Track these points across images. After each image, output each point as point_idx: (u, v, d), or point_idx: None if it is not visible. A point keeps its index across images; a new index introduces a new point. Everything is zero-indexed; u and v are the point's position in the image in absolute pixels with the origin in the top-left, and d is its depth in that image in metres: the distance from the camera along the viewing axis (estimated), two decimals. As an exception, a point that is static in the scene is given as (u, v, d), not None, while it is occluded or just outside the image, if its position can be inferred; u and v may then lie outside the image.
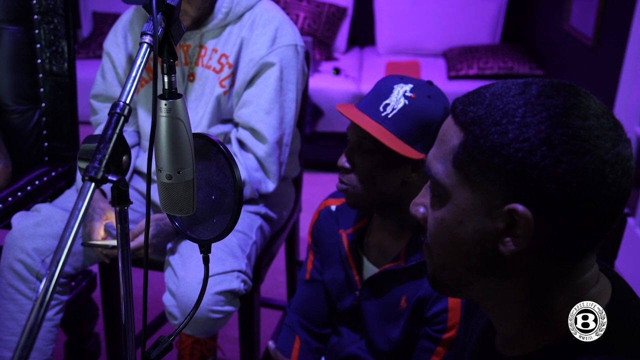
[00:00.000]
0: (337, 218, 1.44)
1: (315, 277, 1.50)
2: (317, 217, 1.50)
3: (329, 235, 1.45)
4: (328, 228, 1.45)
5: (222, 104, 1.66)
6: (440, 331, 1.27)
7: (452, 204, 0.76)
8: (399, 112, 1.23)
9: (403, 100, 1.24)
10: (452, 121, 0.76)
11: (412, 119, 1.23)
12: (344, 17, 4.23)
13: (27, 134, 1.81)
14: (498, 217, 0.72)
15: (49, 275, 0.70)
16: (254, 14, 1.65)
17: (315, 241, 1.50)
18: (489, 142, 0.71)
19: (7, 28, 1.75)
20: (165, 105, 0.84)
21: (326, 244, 1.46)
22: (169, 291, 1.53)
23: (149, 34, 0.82)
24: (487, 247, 0.74)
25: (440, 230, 0.78)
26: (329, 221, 1.46)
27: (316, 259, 1.50)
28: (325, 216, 1.48)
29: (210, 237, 0.99)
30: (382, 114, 1.24)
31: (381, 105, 1.25)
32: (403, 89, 1.25)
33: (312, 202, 2.42)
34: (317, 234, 1.49)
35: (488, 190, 0.72)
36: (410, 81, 1.27)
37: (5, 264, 1.55)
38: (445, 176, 0.76)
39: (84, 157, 0.80)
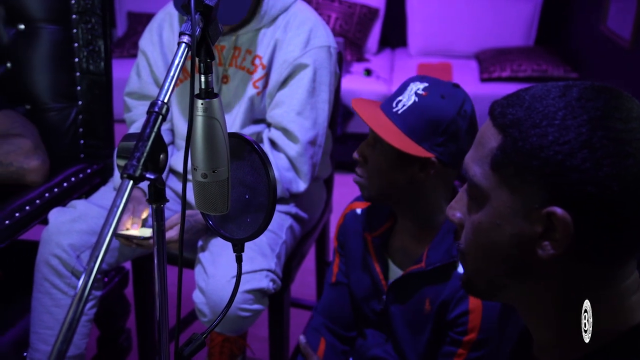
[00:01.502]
0: (362, 221, 1.45)
1: (341, 280, 1.50)
2: (343, 220, 1.51)
3: (354, 239, 1.45)
4: (353, 231, 1.46)
5: (255, 104, 1.68)
6: (461, 333, 1.26)
7: (489, 206, 0.75)
8: (408, 109, 1.24)
9: (414, 98, 1.25)
10: (490, 123, 0.76)
11: (419, 116, 1.23)
12: (375, 18, 4.22)
13: (64, 131, 1.85)
14: (536, 221, 0.71)
15: (87, 271, 0.71)
16: (288, 15, 1.66)
17: (341, 244, 1.50)
18: (527, 144, 0.70)
19: (46, 27, 1.78)
20: (201, 104, 0.85)
21: (352, 247, 1.46)
22: (199, 288, 1.54)
23: (187, 33, 0.83)
24: (524, 250, 0.73)
25: (477, 234, 0.77)
26: (354, 224, 1.46)
27: (342, 262, 1.51)
28: (350, 219, 1.48)
29: (243, 236, 1.00)
30: (393, 109, 1.26)
31: (394, 102, 1.27)
32: (417, 87, 1.26)
33: (342, 203, 2.41)
34: (342, 237, 1.50)
35: (526, 193, 0.71)
36: (428, 80, 1.28)
37: (41, 259, 1.58)
38: (483, 179, 0.75)
39: (123, 155, 0.82)
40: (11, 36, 1.80)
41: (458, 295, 1.27)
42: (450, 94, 1.25)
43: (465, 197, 0.81)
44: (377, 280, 1.38)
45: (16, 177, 1.65)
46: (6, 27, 1.80)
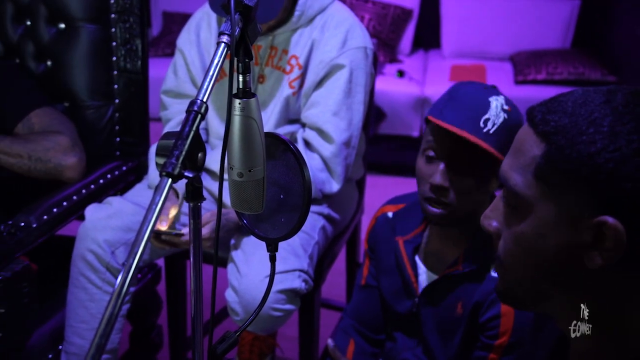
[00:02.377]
0: (393, 225, 1.44)
1: (370, 282, 1.50)
2: (374, 223, 1.50)
3: (385, 242, 1.44)
4: (384, 235, 1.45)
5: (291, 104, 1.68)
6: (492, 337, 1.25)
7: (533, 216, 0.73)
8: (500, 127, 1.22)
9: (503, 115, 1.23)
10: (531, 130, 0.74)
11: (510, 132, 1.21)
12: (409, 19, 4.20)
13: (101, 129, 1.87)
14: (585, 230, 0.69)
15: (126, 267, 0.72)
16: (325, 16, 1.66)
17: (371, 247, 1.50)
18: (575, 152, 0.69)
19: (86, 26, 1.81)
20: (239, 104, 0.86)
21: (382, 250, 1.45)
22: (232, 287, 1.55)
23: (227, 33, 0.84)
24: (570, 261, 0.71)
25: (520, 245, 0.75)
26: (385, 228, 1.45)
27: (372, 265, 1.50)
28: (381, 223, 1.47)
29: (277, 235, 1.00)
30: (483, 130, 1.21)
31: (481, 121, 1.22)
32: (499, 102, 1.24)
33: (372, 205, 2.41)
34: (373, 241, 1.49)
35: (574, 202, 0.70)
36: (495, 91, 1.26)
37: (77, 254, 1.61)
38: (526, 188, 0.73)
39: (162, 153, 0.82)
40: (52, 35, 1.83)
41: (490, 298, 1.26)
42: (510, 100, 1.27)
43: (501, 205, 0.79)
44: (408, 283, 1.37)
45: (54, 173, 1.68)
46: (47, 26, 1.83)
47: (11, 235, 1.46)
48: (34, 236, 1.53)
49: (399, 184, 3.60)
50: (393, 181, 3.62)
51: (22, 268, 1.45)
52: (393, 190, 2.17)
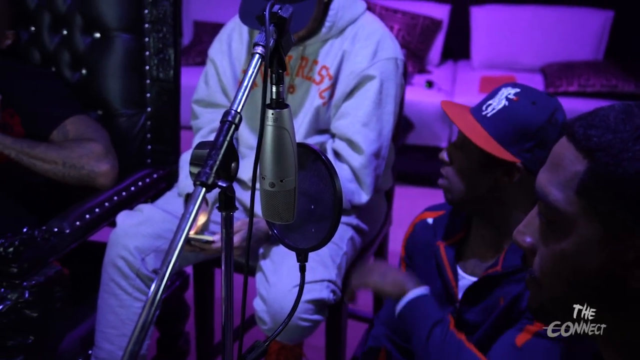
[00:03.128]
0: (434, 230, 1.44)
1: None
2: (412, 229, 1.50)
3: (424, 248, 1.44)
4: (423, 240, 1.45)
5: (321, 114, 1.69)
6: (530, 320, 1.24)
7: (575, 234, 0.71)
8: (497, 113, 1.26)
9: (504, 102, 1.26)
10: (572, 146, 0.73)
11: (508, 120, 1.24)
12: (438, 30, 4.19)
13: (133, 137, 1.90)
14: (630, 248, 0.68)
15: (159, 275, 0.73)
16: (356, 27, 1.67)
17: (409, 254, 1.49)
18: (620, 169, 0.67)
19: (120, 36, 1.84)
20: (272, 114, 0.86)
21: (421, 256, 1.45)
22: (260, 296, 1.56)
23: (261, 44, 0.85)
24: (612, 280, 0.70)
25: (560, 263, 0.73)
26: (424, 234, 1.46)
27: (408, 272, 1.49)
28: (421, 229, 1.48)
29: (307, 245, 1.00)
30: (482, 113, 1.27)
31: (484, 105, 1.28)
32: (508, 92, 1.27)
33: (400, 215, 2.40)
34: (411, 247, 1.49)
35: (619, 219, 0.68)
36: (521, 87, 1.29)
37: (108, 260, 1.63)
38: (567, 204, 0.72)
39: (196, 163, 0.83)
40: (87, 44, 1.87)
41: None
42: (542, 102, 1.26)
43: (537, 221, 0.77)
44: (449, 288, 1.37)
45: (87, 180, 1.71)
46: (83, 36, 1.87)
47: (45, 241, 1.48)
48: (67, 242, 1.55)
49: (426, 195, 3.58)
50: (421, 192, 3.60)
51: (55, 273, 1.48)
52: (421, 201, 2.15)
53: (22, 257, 1.41)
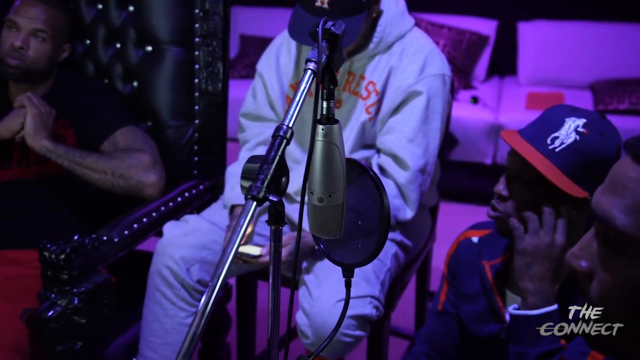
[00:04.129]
0: (479, 249, 1.42)
1: (447, 309, 1.47)
2: (456, 247, 1.48)
3: (468, 267, 1.42)
4: (468, 259, 1.43)
5: (367, 130, 1.69)
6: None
7: None
8: (568, 148, 1.20)
9: (574, 136, 1.20)
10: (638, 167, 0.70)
11: (581, 156, 1.19)
12: (485, 46, 4.15)
13: (181, 148, 1.93)
14: None
15: (210, 288, 0.74)
16: (404, 42, 1.67)
17: (452, 272, 1.47)
18: None
19: (171, 49, 1.88)
20: (322, 130, 0.87)
21: (465, 275, 1.43)
22: (303, 310, 1.56)
23: (314, 60, 0.85)
24: None
25: (626, 290, 0.70)
26: (469, 253, 1.43)
27: (451, 291, 1.47)
28: (465, 247, 1.45)
29: (353, 261, 1.00)
30: (549, 146, 1.21)
31: (549, 138, 1.21)
32: (575, 123, 1.21)
33: (443, 232, 2.37)
34: (454, 265, 1.47)
35: None
36: (584, 115, 1.23)
37: (154, 269, 1.66)
38: (636, 229, 0.69)
39: (247, 176, 0.84)
40: (139, 57, 1.91)
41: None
42: (608, 131, 1.22)
43: (594, 244, 0.74)
44: (495, 308, 1.35)
45: (135, 190, 1.74)
46: (135, 49, 1.91)
47: (94, 249, 1.52)
48: (115, 250, 1.58)
49: (470, 211, 3.54)
50: (464, 209, 3.56)
51: (103, 281, 1.51)
52: (464, 218, 2.13)
53: (72, 265, 1.45)
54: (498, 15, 4.22)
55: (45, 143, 1.67)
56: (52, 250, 1.43)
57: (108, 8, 1.91)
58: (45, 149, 1.67)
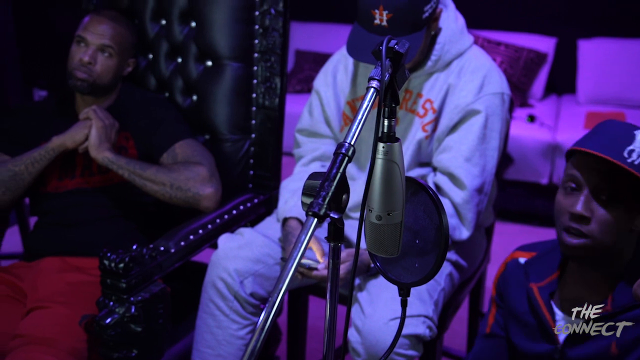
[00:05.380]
0: (526, 271, 1.40)
1: (496, 331, 1.45)
2: (504, 269, 1.46)
3: (517, 288, 1.40)
4: (516, 281, 1.41)
5: (423, 148, 1.68)
6: None
7: None
8: None
9: None
10: None
11: None
12: (543, 63, 4.08)
13: (237, 161, 1.96)
14: None
15: (270, 303, 0.74)
16: (462, 61, 1.65)
17: (500, 294, 1.45)
18: None
19: (230, 64, 1.91)
20: (383, 148, 0.87)
21: (514, 296, 1.41)
22: (355, 327, 1.55)
23: (377, 79, 0.86)
24: None
25: None
26: (517, 274, 1.41)
27: (499, 313, 1.45)
28: (513, 269, 1.43)
29: (409, 280, 1.00)
30: (627, 160, 1.18)
31: (625, 151, 1.19)
32: None
33: (497, 252, 2.33)
34: (503, 287, 1.45)
35: None
36: None
37: (209, 281, 1.68)
38: None
39: (307, 193, 0.85)
40: (199, 71, 1.95)
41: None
42: None
43: None
44: (546, 328, 1.32)
45: (192, 202, 1.77)
46: (196, 64, 1.95)
47: (152, 259, 1.55)
48: (172, 261, 1.61)
49: (525, 232, 3.46)
50: (519, 229, 3.49)
51: (159, 290, 1.54)
52: (519, 238, 2.09)
53: (130, 274, 1.48)
54: (557, 33, 4.14)
55: (108, 155, 1.72)
56: (112, 259, 1.47)
57: (171, 24, 1.96)
58: (108, 160, 1.72)
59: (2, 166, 1.74)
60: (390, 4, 1.50)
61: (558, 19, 4.17)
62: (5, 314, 1.60)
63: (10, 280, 1.69)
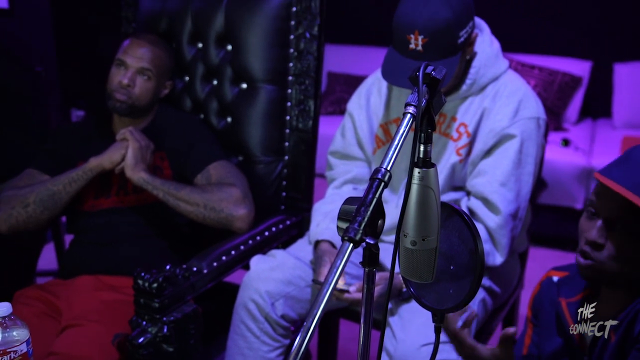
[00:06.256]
0: (558, 287, 1.40)
1: (532, 352, 1.44)
2: (539, 288, 1.47)
3: (549, 306, 1.40)
4: (549, 299, 1.41)
5: (457, 171, 1.67)
6: None
7: None
8: None
9: None
10: None
11: None
12: (578, 87, 4.04)
13: (270, 183, 1.97)
14: None
15: (305, 328, 0.74)
16: (497, 85, 1.65)
17: (535, 313, 1.45)
18: None
19: (265, 87, 1.93)
20: (418, 173, 0.86)
21: (546, 314, 1.41)
22: (386, 352, 1.54)
23: (414, 104, 0.86)
24: None
25: None
26: (550, 292, 1.42)
27: (535, 332, 1.45)
28: (546, 287, 1.44)
29: (444, 306, 0.99)
30: None
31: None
32: None
33: (531, 278, 2.29)
34: (538, 305, 1.45)
35: None
36: None
37: (240, 302, 1.68)
38: None
39: (343, 218, 0.85)
40: (235, 94, 1.98)
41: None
42: None
43: None
44: (574, 345, 1.31)
45: (225, 222, 1.79)
46: (231, 86, 1.98)
47: (185, 279, 1.56)
48: (205, 281, 1.62)
49: (559, 257, 3.40)
50: (553, 254, 3.44)
51: (191, 311, 1.55)
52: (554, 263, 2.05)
53: (164, 294, 1.49)
54: (592, 56, 4.11)
55: (143, 175, 1.75)
56: (146, 279, 1.48)
57: (207, 47, 2.00)
58: (143, 181, 1.75)
59: (41, 186, 1.78)
60: (425, 29, 1.50)
61: (593, 42, 4.13)
62: (41, 331, 1.62)
63: (47, 297, 1.72)
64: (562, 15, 4.14)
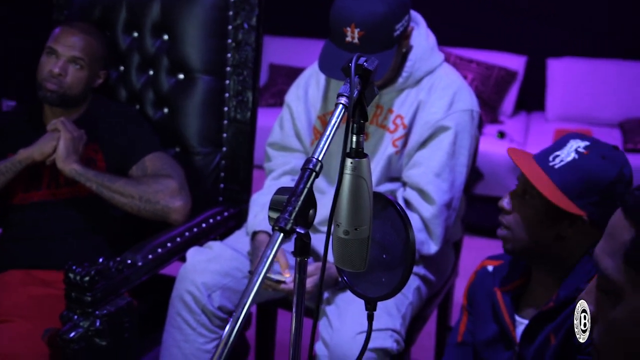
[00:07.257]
0: (493, 277, 1.45)
1: (467, 340, 1.48)
2: (474, 277, 1.51)
3: (484, 295, 1.44)
4: (484, 287, 1.45)
5: (393, 163, 1.69)
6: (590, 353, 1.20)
7: (625, 303, 0.71)
8: (566, 165, 1.26)
9: (573, 155, 1.26)
10: (622, 215, 0.73)
11: (578, 173, 1.25)
12: (513, 81, 4.15)
13: (208, 175, 1.95)
14: None
15: (234, 318, 0.74)
16: (433, 77, 1.68)
17: (470, 301, 1.50)
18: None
19: (202, 77, 1.91)
20: (351, 163, 0.87)
21: (480, 302, 1.45)
22: (322, 341, 1.55)
23: (345, 95, 0.87)
24: None
25: (615, 333, 0.73)
26: (485, 281, 1.46)
27: (470, 320, 1.49)
28: (481, 276, 1.48)
29: (376, 294, 1.00)
30: (549, 163, 1.27)
31: (551, 156, 1.28)
32: (577, 144, 1.28)
33: (465, 267, 2.35)
34: (472, 294, 1.50)
35: None
36: (590, 140, 1.29)
37: (176, 294, 1.66)
38: (616, 273, 0.72)
39: (275, 208, 0.85)
40: (171, 84, 1.95)
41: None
42: (612, 156, 1.27)
43: (595, 289, 0.77)
44: (507, 333, 1.36)
45: (161, 214, 1.76)
46: (168, 76, 1.95)
47: (118, 272, 1.53)
48: (139, 274, 1.60)
49: (494, 246, 3.47)
50: (488, 243, 3.52)
51: (125, 304, 1.52)
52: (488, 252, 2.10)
53: (96, 287, 1.46)
54: (527, 52, 4.22)
55: (75, 167, 1.70)
56: (77, 272, 1.45)
57: (143, 36, 1.96)
58: (75, 172, 1.70)
59: None
60: (361, 23, 1.51)
61: (528, 38, 4.25)
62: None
63: (-27, 293, 1.66)
64: (499, 11, 4.24)
